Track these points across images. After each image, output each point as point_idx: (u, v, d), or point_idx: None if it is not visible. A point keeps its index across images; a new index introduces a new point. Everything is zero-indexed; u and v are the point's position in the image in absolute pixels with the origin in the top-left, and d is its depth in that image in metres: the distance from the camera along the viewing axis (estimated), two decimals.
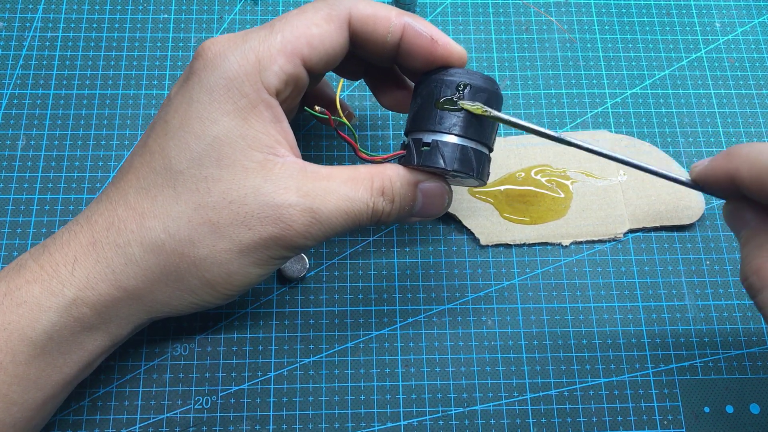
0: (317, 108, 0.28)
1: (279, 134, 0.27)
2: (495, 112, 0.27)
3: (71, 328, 0.26)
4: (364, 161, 0.28)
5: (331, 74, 0.33)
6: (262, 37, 0.26)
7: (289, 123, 0.28)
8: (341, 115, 0.29)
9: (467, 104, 0.27)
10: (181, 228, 0.26)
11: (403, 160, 0.28)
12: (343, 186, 0.27)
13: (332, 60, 0.28)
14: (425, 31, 0.28)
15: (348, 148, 0.38)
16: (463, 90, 0.27)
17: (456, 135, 0.27)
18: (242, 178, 0.26)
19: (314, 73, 0.28)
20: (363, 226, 0.28)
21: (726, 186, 0.25)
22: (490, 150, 0.29)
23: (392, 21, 0.28)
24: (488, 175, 0.29)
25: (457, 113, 0.27)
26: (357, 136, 0.29)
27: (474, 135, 0.27)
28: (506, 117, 0.27)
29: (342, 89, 0.39)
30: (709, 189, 0.27)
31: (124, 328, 0.28)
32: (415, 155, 0.27)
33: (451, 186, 0.30)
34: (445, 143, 0.27)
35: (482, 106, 0.27)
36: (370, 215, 0.28)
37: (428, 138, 0.27)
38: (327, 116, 0.28)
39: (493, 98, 0.28)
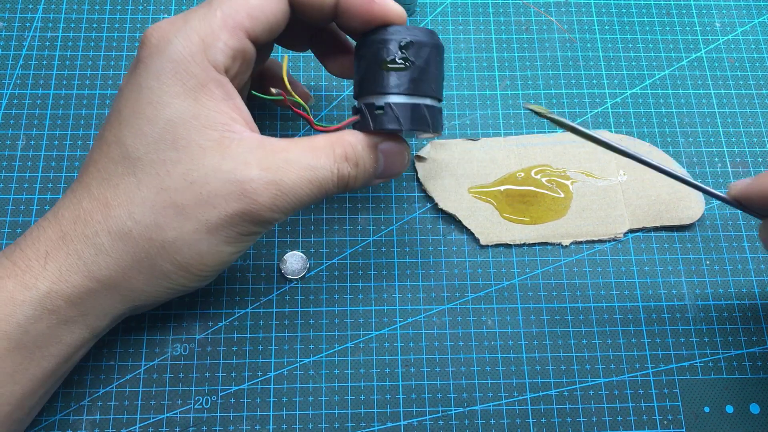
0: (273, 90, 0.28)
1: (233, 111, 0.27)
2: (558, 117, 0.28)
3: (47, 321, 0.26)
4: (321, 133, 0.28)
5: (276, 52, 0.33)
6: (202, 16, 0.26)
7: (243, 100, 0.28)
8: (291, 92, 0.29)
9: (533, 106, 0.28)
10: (146, 213, 0.26)
11: (359, 126, 0.28)
12: (304, 155, 0.27)
13: (275, 28, 0.28)
14: None
15: (303, 125, 0.38)
16: (407, 48, 0.27)
17: (406, 94, 0.27)
18: (200, 158, 0.26)
19: (259, 43, 0.28)
20: (330, 194, 0.28)
21: (763, 203, 0.28)
22: (440, 101, 0.29)
23: None
24: (443, 126, 0.29)
25: (403, 72, 0.27)
26: (310, 110, 0.29)
27: (424, 90, 0.28)
28: (569, 123, 0.28)
29: (290, 70, 0.39)
30: (750, 207, 0.29)
31: (102, 320, 0.28)
32: (371, 120, 0.28)
33: (417, 138, 0.30)
34: (398, 104, 0.27)
35: (547, 110, 0.28)
36: (336, 182, 0.28)
37: (380, 101, 0.27)
38: (282, 97, 0.28)
39: (436, 51, 0.28)
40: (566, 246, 0.36)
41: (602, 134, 0.38)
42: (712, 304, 0.35)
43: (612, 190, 0.37)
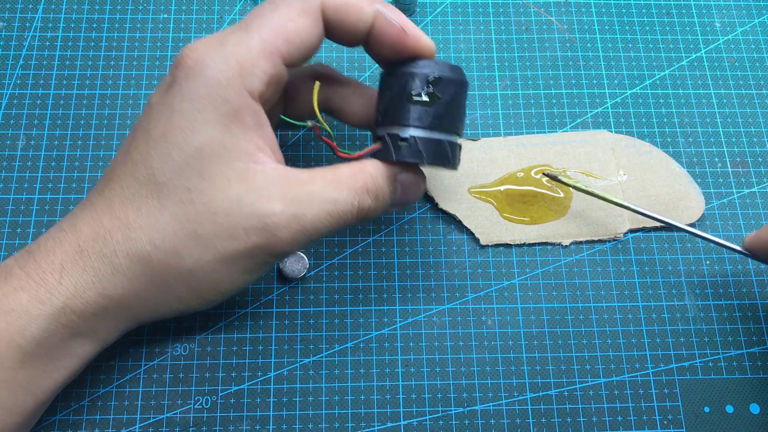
0: (309, 123, 0.29)
1: (260, 140, 0.27)
2: (586, 187, 0.33)
3: (60, 335, 0.26)
4: (343, 159, 0.28)
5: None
6: (239, 39, 0.26)
7: (270, 119, 0.28)
8: (321, 120, 0.29)
9: (567, 179, 0.33)
10: (167, 240, 0.26)
11: (380, 155, 0.28)
12: (327, 188, 0.27)
13: (310, 52, 0.28)
14: (395, 21, 0.28)
15: (325, 147, 0.38)
16: (434, 84, 0.27)
17: (430, 129, 0.28)
18: (224, 189, 0.26)
19: (292, 67, 0.28)
20: (349, 225, 0.28)
21: None
22: (460, 136, 0.29)
23: (364, 9, 0.27)
24: (460, 162, 0.30)
25: (428, 106, 0.27)
26: (334, 135, 0.29)
27: (446, 127, 0.28)
28: (599, 193, 0.34)
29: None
30: (762, 257, 0.32)
31: (112, 334, 0.28)
32: (393, 151, 0.28)
33: (428, 170, 0.31)
34: (421, 138, 0.27)
35: (579, 183, 0.33)
36: (356, 214, 0.28)
37: (405, 133, 0.27)
38: (311, 125, 0.29)
39: (461, 88, 0.28)
40: (566, 246, 0.36)
41: (603, 135, 0.38)
42: (712, 304, 0.35)
43: (612, 190, 0.37)
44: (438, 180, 0.37)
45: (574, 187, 0.34)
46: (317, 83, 0.29)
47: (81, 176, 0.37)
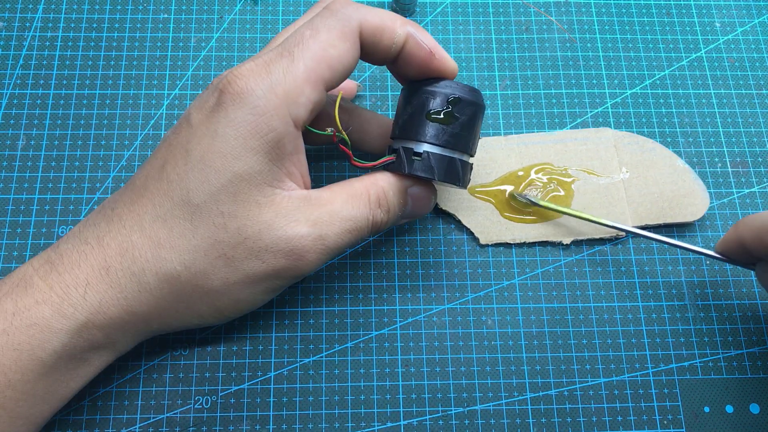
0: (328, 130, 0.29)
1: (294, 167, 0.28)
2: (556, 207, 0.34)
3: (80, 348, 0.27)
4: (357, 168, 0.29)
5: None
6: (285, 68, 0.26)
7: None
8: (341, 129, 0.29)
9: (541, 201, 0.34)
10: (197, 261, 0.26)
11: (393, 167, 0.29)
12: (345, 206, 0.28)
13: (348, 74, 0.28)
14: (426, 44, 0.28)
15: (337, 152, 0.38)
16: (454, 104, 0.28)
17: (444, 147, 0.29)
18: (256, 215, 0.26)
19: (330, 89, 0.29)
20: (363, 239, 0.30)
21: (739, 252, 0.31)
22: (472, 156, 0.30)
23: (397, 31, 0.28)
24: (469, 181, 0.31)
25: (445, 125, 0.28)
26: (350, 144, 0.30)
27: (460, 146, 0.29)
28: (569, 211, 0.34)
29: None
30: (734, 259, 0.32)
31: (129, 345, 0.29)
32: (406, 164, 0.29)
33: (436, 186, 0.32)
34: (435, 155, 0.29)
35: (556, 206, 0.34)
36: (370, 228, 0.29)
37: (419, 148, 0.29)
38: (331, 133, 0.29)
39: (479, 110, 0.29)
40: (567, 244, 0.36)
41: (605, 132, 0.38)
42: (712, 304, 0.35)
43: (614, 188, 0.37)
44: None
45: (544, 207, 0.35)
46: (340, 93, 0.30)
47: (81, 176, 0.37)
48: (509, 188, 0.37)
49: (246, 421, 0.33)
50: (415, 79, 0.30)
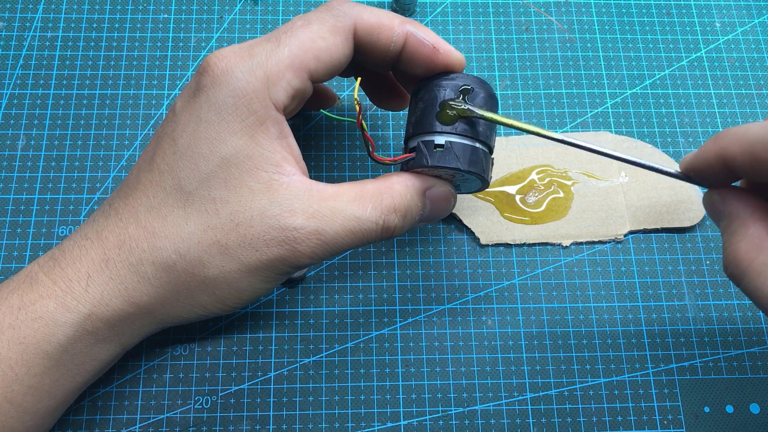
0: (338, 102, 0.28)
1: (285, 150, 0.27)
2: (490, 114, 0.27)
3: (86, 341, 0.27)
4: (376, 161, 0.28)
5: None
6: (269, 51, 0.26)
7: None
8: (359, 110, 0.28)
9: (478, 110, 0.27)
10: (191, 249, 0.26)
11: (413, 163, 0.28)
12: (350, 205, 0.27)
13: (336, 70, 0.28)
14: (427, 40, 0.28)
15: (349, 147, 0.38)
16: (465, 93, 0.27)
17: (464, 135, 0.27)
18: (248, 200, 0.26)
19: (318, 83, 0.28)
20: (371, 243, 0.28)
21: (717, 169, 0.25)
22: (491, 151, 0.29)
23: (395, 30, 0.28)
24: (491, 179, 0.29)
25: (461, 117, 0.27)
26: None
27: (481, 137, 0.28)
28: (507, 120, 0.27)
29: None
30: (699, 177, 0.27)
31: (135, 338, 0.29)
32: (428, 156, 0.27)
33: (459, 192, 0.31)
34: (458, 144, 0.27)
35: (489, 113, 0.27)
36: (380, 233, 0.28)
37: (440, 139, 0.27)
38: (355, 120, 0.29)
39: (493, 100, 0.28)
40: (566, 246, 0.36)
41: (605, 135, 0.38)
42: (712, 304, 0.35)
43: (613, 192, 0.37)
44: None
45: (484, 118, 0.28)
46: (359, 78, 0.29)
47: (81, 176, 0.37)
48: (510, 189, 0.37)
49: (246, 421, 0.33)
50: (423, 77, 0.29)
